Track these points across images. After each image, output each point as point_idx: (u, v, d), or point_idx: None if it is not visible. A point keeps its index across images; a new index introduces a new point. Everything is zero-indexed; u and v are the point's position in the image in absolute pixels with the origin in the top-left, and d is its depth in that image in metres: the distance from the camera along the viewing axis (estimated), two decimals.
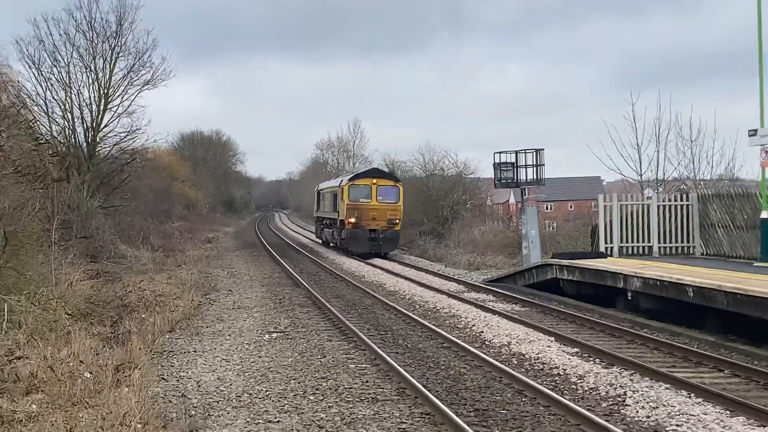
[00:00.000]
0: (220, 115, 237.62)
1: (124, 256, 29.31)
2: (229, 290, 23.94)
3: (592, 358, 13.31)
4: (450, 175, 47.80)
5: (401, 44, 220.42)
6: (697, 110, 71.76)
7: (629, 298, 18.02)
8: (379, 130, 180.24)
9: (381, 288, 24.86)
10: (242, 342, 15.11)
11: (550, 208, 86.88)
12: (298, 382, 11.66)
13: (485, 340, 15.36)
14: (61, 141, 34.73)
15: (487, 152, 69.71)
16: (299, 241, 55.19)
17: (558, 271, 21.58)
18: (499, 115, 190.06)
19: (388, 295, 22.69)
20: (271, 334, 15.89)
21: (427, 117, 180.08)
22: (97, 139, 36.31)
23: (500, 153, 28.81)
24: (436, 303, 20.71)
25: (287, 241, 54.42)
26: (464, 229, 40.72)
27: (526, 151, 28.42)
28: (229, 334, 16.02)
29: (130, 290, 19.92)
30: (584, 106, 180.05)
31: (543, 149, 28.29)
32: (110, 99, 36.61)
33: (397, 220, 37.27)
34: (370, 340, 14.60)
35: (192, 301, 20.26)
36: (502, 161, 28.74)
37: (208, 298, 21.82)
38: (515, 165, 28.46)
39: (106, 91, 36.46)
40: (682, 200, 23.53)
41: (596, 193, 36.19)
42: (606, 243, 23.07)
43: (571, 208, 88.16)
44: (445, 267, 32.63)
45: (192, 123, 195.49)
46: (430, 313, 19.28)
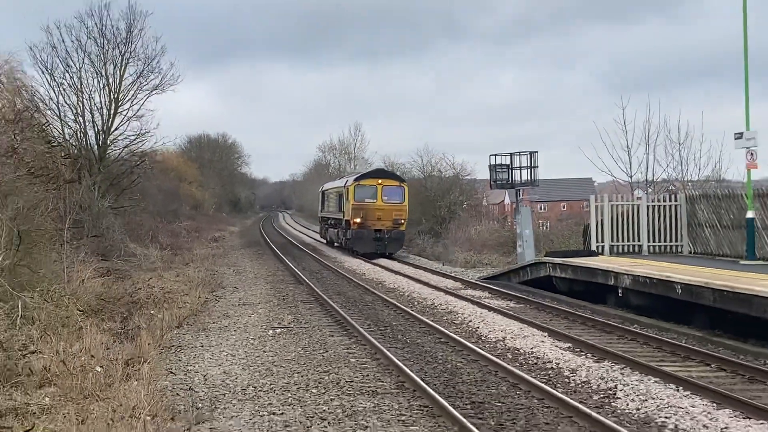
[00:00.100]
0: (226, 119, 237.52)
1: (133, 255, 29.31)
2: (235, 287, 23.95)
3: (583, 353, 13.31)
4: (447, 176, 47.82)
5: (400, 50, 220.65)
6: (685, 114, 71.78)
7: (620, 295, 18.02)
8: (379, 133, 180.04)
9: (381, 285, 24.86)
10: (247, 337, 15.11)
11: (543, 209, 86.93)
12: (301, 376, 11.67)
13: (481, 336, 15.36)
14: (73, 144, 34.72)
15: (483, 154, 70.05)
16: (302, 240, 55.19)
17: (551, 269, 21.58)
18: (494, 119, 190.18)
19: (388, 292, 22.69)
20: (275, 330, 15.89)
21: (425, 120, 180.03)
22: (108, 142, 36.31)
23: (496, 155, 28.86)
24: (434, 300, 20.71)
25: (290, 240, 54.40)
26: (461, 229, 40.70)
27: (521, 154, 28.42)
28: (234, 330, 16.02)
29: (140, 287, 19.94)
30: (576, 110, 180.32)
31: (537, 152, 28.31)
32: (120, 103, 36.62)
33: (403, 220, 36.14)
34: (370, 336, 14.60)
35: (199, 297, 20.26)
36: (497, 163, 28.78)
37: (214, 295, 21.83)
38: (510, 167, 28.48)
39: (116, 96, 36.47)
40: (670, 201, 23.55)
41: (588, 193, 36.27)
42: (597, 242, 23.08)
43: (564, 208, 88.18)
44: (443, 265, 32.65)
45: (199, 126, 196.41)
46: (428, 309, 19.28)
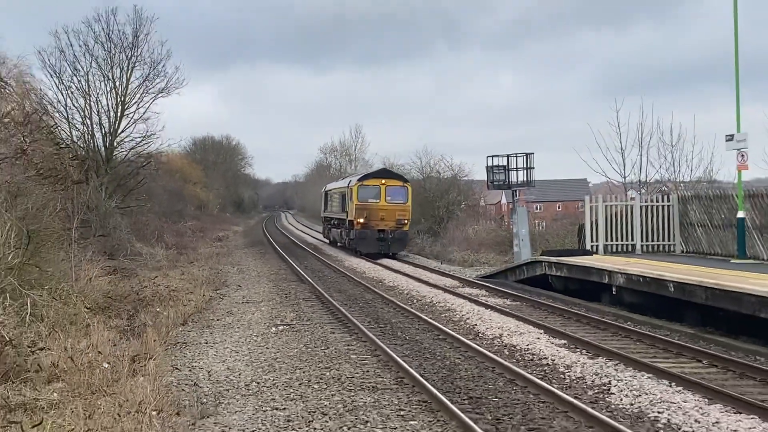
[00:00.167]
0: (230, 121, 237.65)
1: (139, 254, 29.31)
2: (239, 285, 23.94)
3: (578, 349, 13.31)
4: (446, 177, 47.82)
5: (400, 54, 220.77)
6: (678, 116, 71.96)
7: (614, 293, 18.03)
8: (379, 135, 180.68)
9: (381, 283, 24.85)
10: (251, 334, 15.11)
11: (539, 209, 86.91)
12: (303, 372, 11.66)
13: (479, 333, 15.35)
14: (81, 145, 34.77)
15: (481, 156, 70.12)
16: (304, 239, 55.17)
17: (547, 267, 21.58)
18: (492, 121, 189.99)
19: (388, 290, 22.69)
20: (277, 327, 15.89)
21: (425, 122, 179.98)
22: (115, 144, 36.34)
23: (493, 157, 28.86)
24: (433, 297, 20.70)
25: (292, 239, 54.40)
26: (459, 228, 40.68)
27: (517, 155, 28.43)
28: (238, 327, 16.02)
29: (146, 285, 19.92)
30: (572, 112, 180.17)
31: (533, 153, 28.35)
32: (127, 106, 36.66)
33: (406, 220, 35.32)
34: (370, 333, 14.59)
35: (203, 295, 20.27)
36: (494, 164, 28.78)
37: (218, 293, 21.83)
38: (507, 168, 28.49)
39: (122, 99, 36.51)
40: (663, 201, 23.55)
41: (583, 194, 36.22)
42: (592, 241, 23.08)
43: (559, 208, 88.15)
44: (441, 264, 32.63)
45: (203, 128, 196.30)
46: (426, 307, 19.27)
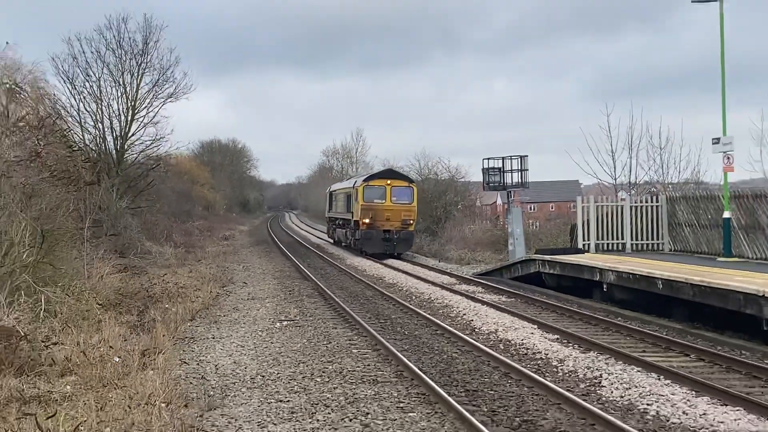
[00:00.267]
0: (236, 125, 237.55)
1: (149, 252, 29.33)
2: (244, 283, 23.93)
3: (571, 344, 13.31)
4: (443, 179, 47.75)
5: (399, 61, 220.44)
6: (666, 120, 71.81)
7: (605, 290, 18.02)
8: (380, 138, 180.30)
9: (381, 281, 24.83)
10: (256, 329, 15.10)
11: (533, 209, 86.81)
12: (306, 366, 11.66)
13: (475, 328, 15.35)
14: (93, 148, 34.76)
15: (477, 158, 69.97)
16: (307, 238, 55.15)
17: (540, 265, 21.57)
18: (487, 125, 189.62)
19: (388, 287, 22.67)
20: (281, 322, 15.88)
21: (423, 126, 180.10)
22: (125, 147, 36.34)
23: (488, 159, 28.87)
24: (431, 294, 20.69)
25: (296, 238, 54.36)
26: (456, 228, 40.65)
27: (512, 158, 28.44)
28: (244, 322, 16.02)
29: (155, 283, 19.92)
30: (564, 116, 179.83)
31: (527, 156, 28.37)
32: (137, 110, 36.66)
33: (411, 220, 34.25)
34: (371, 328, 14.58)
35: (211, 292, 20.26)
36: (490, 166, 28.79)
37: (225, 290, 21.82)
38: (502, 170, 28.50)
39: (133, 104, 36.51)
40: (652, 202, 23.55)
41: (575, 195, 36.27)
42: (584, 240, 23.07)
43: (552, 208, 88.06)
44: (439, 262, 32.62)
45: (210, 132, 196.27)
46: (425, 303, 19.26)
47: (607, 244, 23.08)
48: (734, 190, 20.58)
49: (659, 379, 10.48)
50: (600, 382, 10.51)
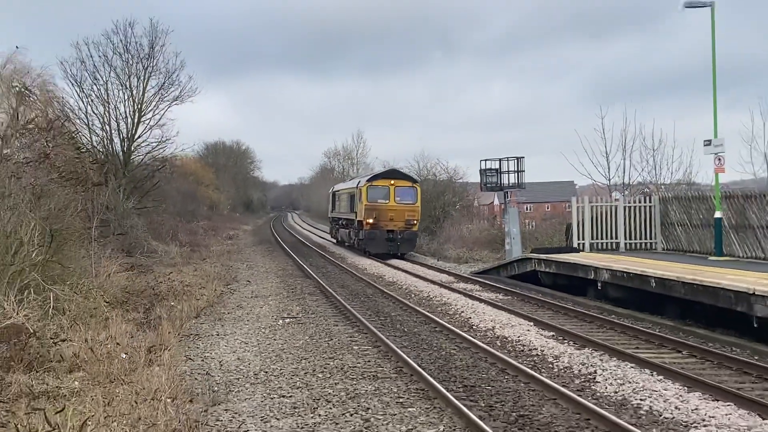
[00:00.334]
0: (240, 127, 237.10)
1: (155, 251, 29.32)
2: (248, 281, 23.92)
3: (566, 341, 13.31)
4: (441, 180, 47.73)
5: (399, 64, 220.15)
6: (659, 123, 71.56)
7: (599, 288, 18.03)
8: (380, 140, 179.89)
9: (381, 279, 24.82)
10: (259, 326, 15.10)
11: (529, 209, 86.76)
12: (309, 362, 11.65)
13: (473, 325, 15.34)
14: (100, 150, 34.79)
15: (475, 159, 69.87)
16: (309, 238, 55.12)
17: (537, 264, 21.58)
18: (485, 127, 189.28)
19: (387, 286, 22.65)
20: (284, 320, 15.88)
21: (422, 128, 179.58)
22: (132, 148, 36.35)
23: (486, 160, 28.83)
24: (430, 292, 20.68)
25: (298, 238, 54.34)
26: (454, 227, 40.61)
27: (509, 159, 28.40)
28: (247, 320, 16.01)
29: (161, 281, 19.92)
30: (560, 118, 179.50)
31: (523, 157, 28.30)
32: (143, 113, 36.66)
33: (415, 220, 33.31)
34: (371, 325, 14.57)
35: (215, 290, 20.25)
36: (487, 167, 28.75)
37: (229, 288, 21.80)
38: (499, 171, 28.46)
39: (139, 106, 36.51)
40: (645, 202, 23.57)
41: (570, 195, 36.22)
42: (579, 239, 23.08)
43: (548, 208, 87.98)
44: (437, 261, 32.60)
45: (215, 134, 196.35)
46: (424, 301, 19.25)
47: (602, 244, 23.09)
48: (725, 190, 20.61)
49: (652, 375, 10.47)
50: (594, 378, 10.51)
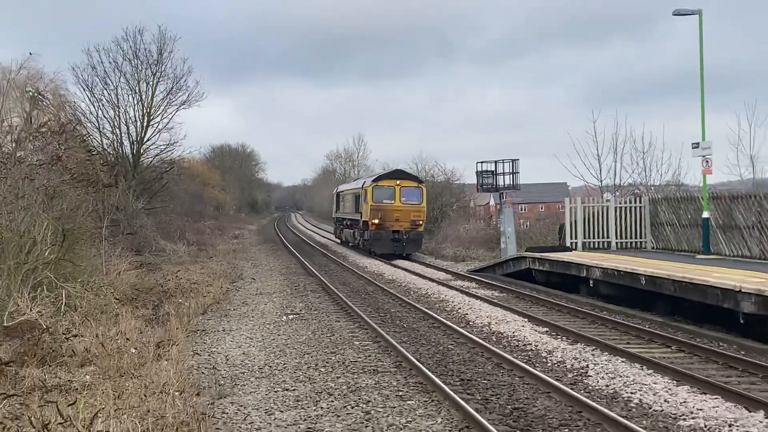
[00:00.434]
0: (245, 130, 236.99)
1: (163, 250, 29.32)
2: (253, 279, 23.91)
3: (559, 336, 13.31)
4: (439, 181, 47.69)
5: (399, 70, 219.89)
6: (649, 126, 72.02)
7: (591, 286, 18.02)
8: (380, 142, 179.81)
9: (381, 277, 24.81)
10: (264, 322, 15.09)
11: (524, 209, 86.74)
12: (311, 357, 11.65)
13: (469, 321, 15.34)
14: (111, 152, 34.77)
15: (471, 161, 69.82)
16: (312, 237, 55.12)
17: (531, 262, 21.57)
18: (481, 130, 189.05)
19: (387, 283, 22.65)
20: (288, 316, 15.87)
21: (421, 131, 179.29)
22: (141, 151, 36.33)
23: (482, 162, 28.84)
24: (428, 290, 20.67)
25: (301, 237, 54.34)
26: (451, 227, 40.57)
27: (504, 161, 28.40)
28: (252, 316, 16.00)
29: (169, 279, 19.91)
30: (553, 122, 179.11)
31: (518, 159, 28.29)
32: (152, 117, 36.63)
33: (421, 221, 32.17)
34: (372, 321, 14.58)
35: (221, 288, 20.24)
36: (483, 169, 28.77)
37: (234, 286, 21.80)
38: (495, 173, 28.48)
39: (148, 110, 36.49)
40: (635, 203, 23.57)
41: (563, 196, 36.20)
42: (571, 239, 23.07)
43: (542, 209, 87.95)
44: (435, 259, 32.57)
45: (221, 137, 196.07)
46: (422, 298, 19.25)
47: (594, 243, 23.08)
48: (712, 191, 20.62)
49: (642, 369, 10.47)
50: (587, 372, 10.50)
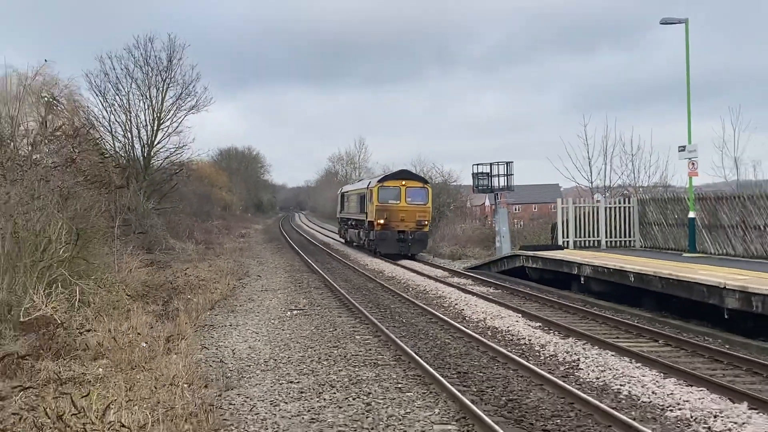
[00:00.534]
0: (251, 133, 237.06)
1: (173, 249, 29.33)
2: (258, 276, 23.90)
3: (552, 331, 13.31)
4: (437, 182, 47.65)
5: (398, 76, 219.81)
6: (638, 130, 71.94)
7: (582, 282, 18.03)
8: (380, 145, 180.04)
9: (381, 274, 24.80)
10: (269, 318, 15.09)
11: (518, 210, 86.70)
12: (314, 350, 11.65)
13: (465, 316, 15.34)
14: (122, 155, 34.78)
15: (468, 164, 69.73)
16: (315, 236, 55.11)
17: (524, 260, 21.58)
18: (477, 134, 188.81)
19: (387, 280, 22.64)
20: (292, 311, 15.87)
21: (419, 134, 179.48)
22: (152, 154, 36.37)
23: (478, 165, 28.90)
24: (426, 286, 20.67)
25: (305, 236, 54.33)
26: (448, 227, 40.56)
27: (499, 163, 28.47)
28: (258, 312, 16.00)
29: (178, 276, 19.90)
30: (546, 126, 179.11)
31: (512, 161, 28.38)
32: (162, 121, 36.68)
33: (426, 221, 30.97)
34: (372, 317, 14.57)
35: (228, 284, 20.24)
36: (479, 171, 28.83)
37: (241, 282, 21.79)
38: (490, 174, 28.53)
39: (158, 115, 36.53)
40: (624, 203, 23.57)
41: (555, 197, 36.22)
42: (563, 237, 23.08)
43: (535, 209, 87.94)
44: (433, 257, 32.57)
45: (228, 140, 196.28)
46: (421, 294, 19.24)
47: (584, 242, 23.08)
48: (698, 192, 20.63)
49: (631, 363, 10.47)
50: (578, 365, 10.51)
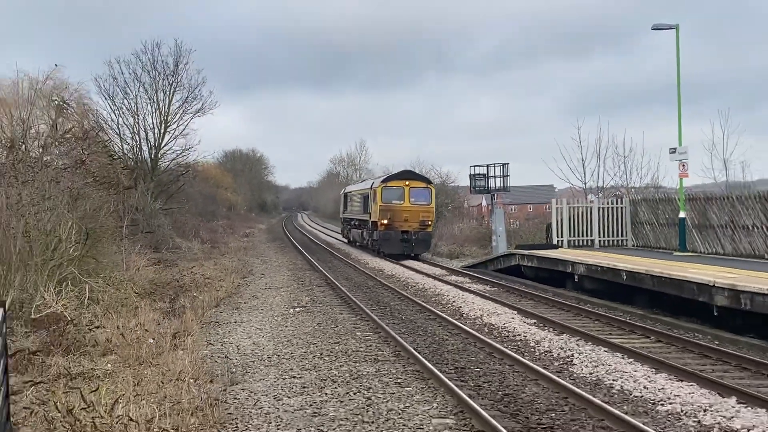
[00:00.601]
0: (255, 136, 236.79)
1: (179, 248, 29.34)
2: (262, 274, 23.89)
3: (546, 328, 13.31)
4: (436, 183, 47.65)
5: (398, 80, 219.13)
6: (630, 133, 71.35)
7: (576, 281, 18.03)
8: (380, 147, 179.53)
9: (381, 272, 24.79)
10: (272, 315, 15.09)
11: (513, 210, 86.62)
12: (316, 346, 11.65)
13: (463, 314, 15.33)
14: (130, 157, 34.82)
15: (465, 165, 69.75)
16: (317, 236, 55.09)
17: (520, 259, 21.58)
18: (474, 136, 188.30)
19: (387, 278, 22.63)
20: (295, 309, 15.87)
21: (418, 137, 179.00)
22: (159, 156, 36.39)
23: (475, 166, 28.94)
24: (425, 284, 20.67)
25: (307, 236, 54.30)
26: (446, 226, 40.55)
27: (495, 165, 28.50)
28: (262, 309, 16.00)
29: (184, 274, 19.93)
30: (541, 129, 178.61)
31: (508, 163, 28.43)
32: (169, 124, 36.72)
33: (429, 221, 30.22)
34: (372, 314, 14.57)
35: (233, 282, 20.22)
36: (476, 172, 28.86)
37: (245, 280, 21.78)
38: (486, 176, 28.56)
39: (165, 118, 36.55)
40: (617, 204, 23.57)
41: (550, 197, 36.24)
42: (558, 237, 23.08)
43: (530, 209, 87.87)
44: (432, 256, 32.56)
45: (233, 142, 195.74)
46: (419, 292, 19.23)
47: (578, 241, 23.08)
48: (689, 193, 20.64)
49: (623, 358, 10.48)
50: (572, 361, 10.51)
